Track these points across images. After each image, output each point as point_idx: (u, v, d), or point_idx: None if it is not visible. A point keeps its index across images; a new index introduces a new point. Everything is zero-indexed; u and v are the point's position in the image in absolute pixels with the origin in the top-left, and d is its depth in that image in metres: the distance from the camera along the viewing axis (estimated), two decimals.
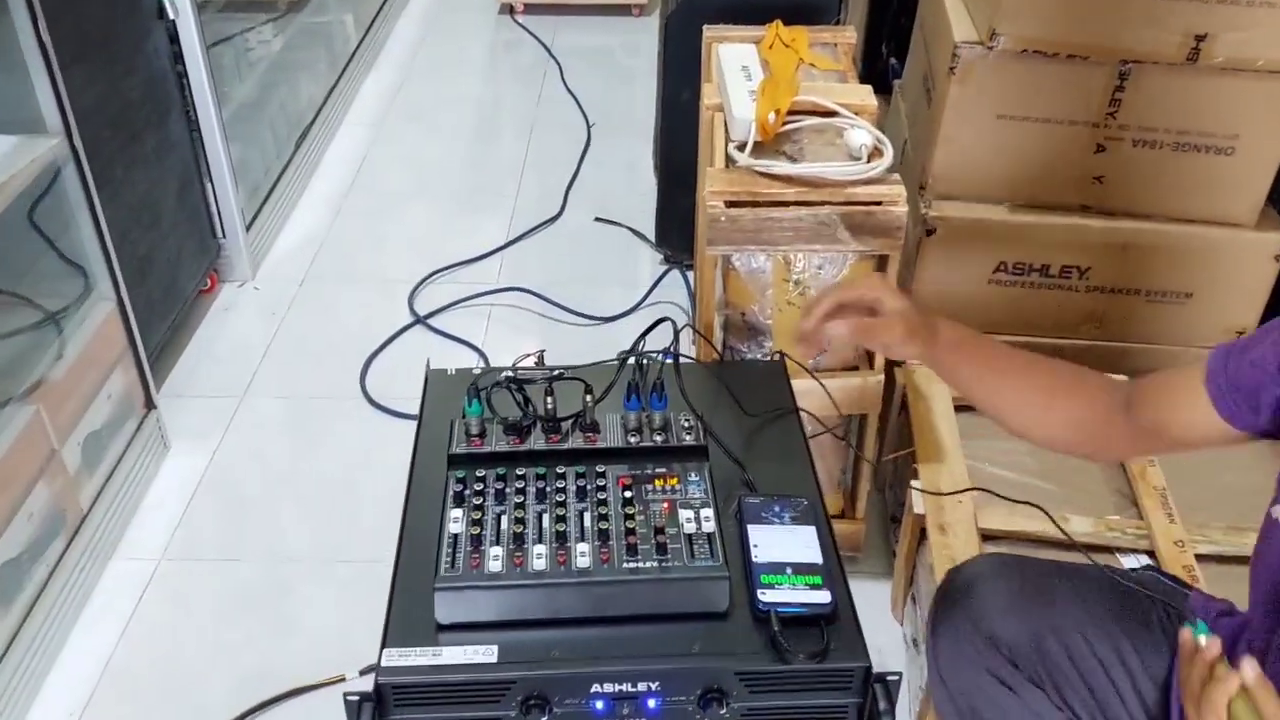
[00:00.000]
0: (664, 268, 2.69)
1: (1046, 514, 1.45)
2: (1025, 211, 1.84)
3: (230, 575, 1.96)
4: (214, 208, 2.60)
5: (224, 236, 2.65)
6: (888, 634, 1.81)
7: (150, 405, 2.14)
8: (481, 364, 2.33)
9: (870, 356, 1.70)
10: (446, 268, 2.71)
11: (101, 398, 1.98)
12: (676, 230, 2.59)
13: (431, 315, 2.56)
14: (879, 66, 2.66)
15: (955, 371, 1.26)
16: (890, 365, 1.76)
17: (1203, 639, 0.96)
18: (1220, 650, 0.93)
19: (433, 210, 2.98)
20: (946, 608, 1.28)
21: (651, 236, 2.73)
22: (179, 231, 2.44)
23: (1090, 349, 1.91)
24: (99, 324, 1.98)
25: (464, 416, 1.31)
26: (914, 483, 1.69)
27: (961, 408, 1.89)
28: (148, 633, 1.85)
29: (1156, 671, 1.17)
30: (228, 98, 2.70)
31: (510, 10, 4.11)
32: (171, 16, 2.34)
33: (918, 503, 1.66)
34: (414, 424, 1.93)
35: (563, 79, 3.62)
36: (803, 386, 1.48)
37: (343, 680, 1.75)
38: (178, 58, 2.41)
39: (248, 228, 2.70)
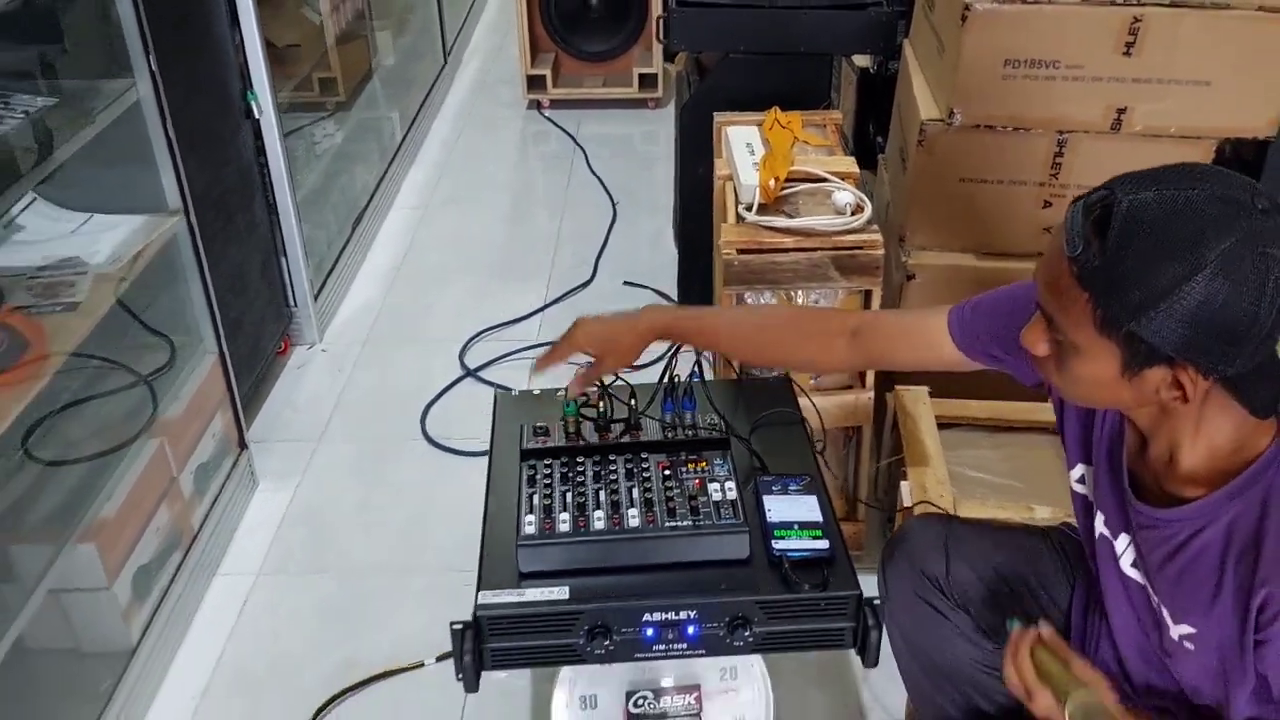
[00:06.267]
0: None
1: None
2: (989, 258, 2.18)
3: (319, 587, 2.27)
4: (288, 280, 2.97)
5: (295, 305, 3.02)
6: None
7: (243, 445, 2.48)
8: None
9: (862, 376, 2.03)
10: (491, 328, 3.06)
11: (208, 436, 2.32)
12: (697, 289, 2.94)
13: (480, 369, 2.91)
14: (867, 143, 3.04)
15: (708, 348, 1.64)
16: (880, 386, 2.09)
17: (1014, 628, 1.28)
18: (1023, 633, 1.25)
19: (476, 281, 3.35)
20: (891, 551, 1.60)
21: (675, 296, 3.08)
22: (261, 299, 2.80)
23: None
24: (205, 372, 2.33)
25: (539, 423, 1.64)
26: (903, 482, 2.01)
27: (943, 425, 2.21)
28: (252, 632, 2.16)
29: (1059, 596, 1.51)
30: (299, 184, 3.08)
31: (538, 106, 4.54)
32: (257, 116, 2.74)
33: (906, 497, 1.97)
34: (469, 460, 2.27)
35: (589, 164, 4.03)
36: (806, 402, 1.80)
37: (422, 666, 2.06)
38: (260, 150, 2.80)
39: (315, 297, 3.06)
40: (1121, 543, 1.32)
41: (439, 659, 2.06)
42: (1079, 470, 1.40)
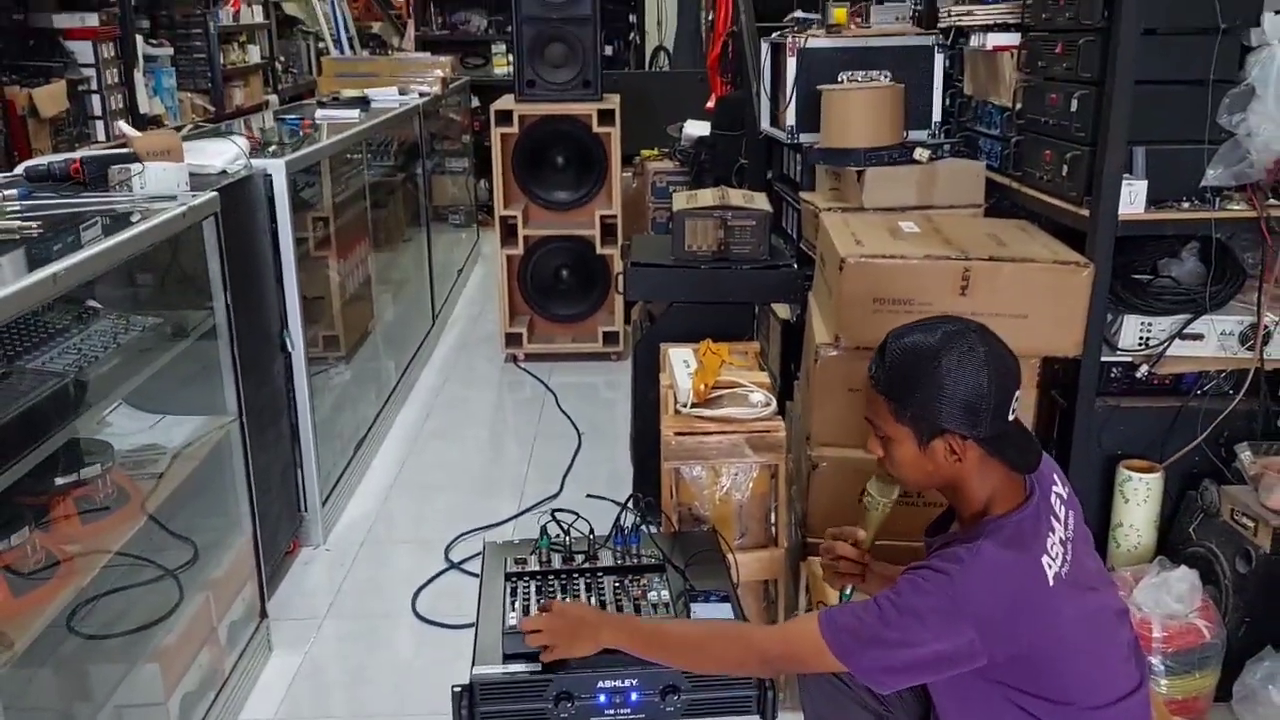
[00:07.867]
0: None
1: None
2: None
3: None
4: (301, 489, 3.50)
5: (306, 510, 3.52)
6: None
7: (264, 614, 2.93)
8: None
9: (776, 537, 2.56)
10: (473, 530, 3.57)
11: (239, 599, 2.78)
12: (649, 492, 3.48)
13: (463, 561, 3.39)
14: (790, 378, 3.69)
15: None
16: (794, 551, 2.61)
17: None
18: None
19: (459, 495, 3.89)
20: None
21: (630, 503, 3.61)
22: (280, 502, 3.32)
23: None
24: (240, 546, 2.82)
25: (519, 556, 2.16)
26: None
27: None
28: None
29: None
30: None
31: (514, 359, 5.23)
32: (290, 351, 3.36)
33: None
34: (454, 632, 2.78)
35: (558, 404, 4.67)
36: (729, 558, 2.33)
37: None
38: (289, 380, 3.40)
39: (323, 504, 3.58)
40: None
41: None
42: None
